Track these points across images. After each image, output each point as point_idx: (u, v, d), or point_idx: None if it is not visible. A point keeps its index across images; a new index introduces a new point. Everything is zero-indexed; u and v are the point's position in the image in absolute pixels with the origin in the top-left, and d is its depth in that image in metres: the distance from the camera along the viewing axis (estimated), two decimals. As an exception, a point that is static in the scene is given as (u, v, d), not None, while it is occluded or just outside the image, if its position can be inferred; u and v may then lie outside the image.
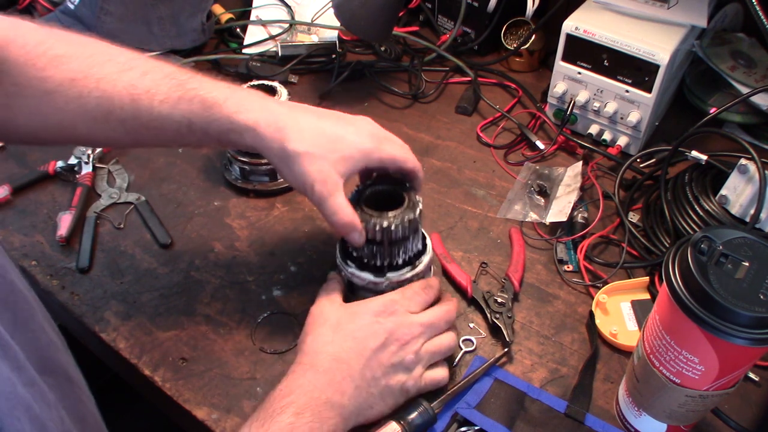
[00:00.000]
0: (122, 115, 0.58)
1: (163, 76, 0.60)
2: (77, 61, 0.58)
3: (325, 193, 0.59)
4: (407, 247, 0.65)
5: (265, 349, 0.70)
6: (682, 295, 0.50)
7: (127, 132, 0.60)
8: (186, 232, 0.83)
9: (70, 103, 0.57)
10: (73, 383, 0.51)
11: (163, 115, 0.59)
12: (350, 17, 0.97)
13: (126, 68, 0.60)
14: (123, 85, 0.59)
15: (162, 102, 0.59)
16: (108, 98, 0.58)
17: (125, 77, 0.59)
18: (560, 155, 0.96)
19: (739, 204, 0.74)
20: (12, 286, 0.47)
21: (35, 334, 0.48)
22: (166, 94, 0.59)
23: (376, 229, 0.61)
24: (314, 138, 0.60)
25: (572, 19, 0.90)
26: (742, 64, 0.93)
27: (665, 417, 0.59)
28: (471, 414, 0.63)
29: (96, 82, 0.58)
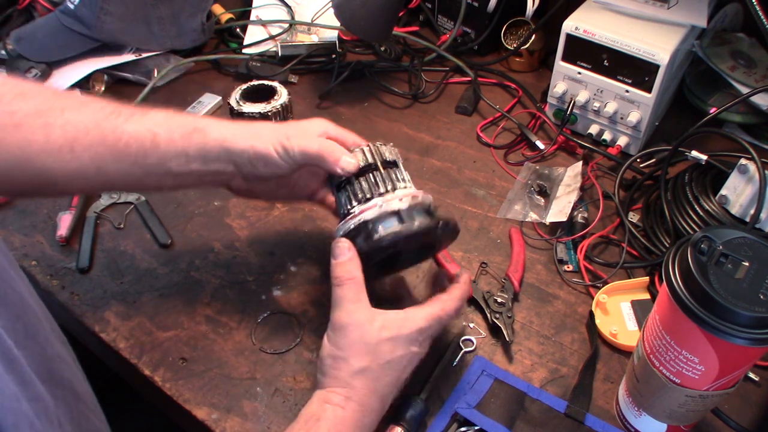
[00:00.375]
0: (87, 139, 0.58)
1: (125, 106, 0.62)
2: (42, 97, 0.59)
3: (296, 140, 0.60)
4: (400, 170, 0.64)
5: (265, 349, 0.70)
6: (682, 295, 0.50)
7: (91, 158, 0.58)
8: (186, 232, 0.83)
9: (37, 133, 0.56)
10: (79, 398, 0.51)
11: (127, 131, 0.59)
12: (350, 17, 0.97)
13: (91, 101, 0.61)
14: (88, 112, 0.59)
15: (127, 120, 0.60)
16: (73, 124, 0.58)
17: (89, 106, 0.60)
18: (560, 155, 0.96)
19: (739, 204, 0.74)
20: (21, 298, 0.47)
21: (42, 346, 0.48)
22: (131, 113, 0.60)
23: (365, 150, 0.62)
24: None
25: (572, 19, 0.90)
26: (742, 64, 0.93)
27: (665, 417, 0.59)
28: (471, 414, 0.63)
29: (61, 111, 0.58)
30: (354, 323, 0.57)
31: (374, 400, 0.57)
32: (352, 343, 0.57)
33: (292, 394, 0.66)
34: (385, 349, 0.57)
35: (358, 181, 0.62)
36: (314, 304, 0.75)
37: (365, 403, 0.56)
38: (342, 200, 0.63)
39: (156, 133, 0.60)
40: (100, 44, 1.04)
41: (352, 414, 0.55)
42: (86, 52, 1.04)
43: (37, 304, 0.50)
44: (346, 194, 0.62)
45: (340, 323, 0.58)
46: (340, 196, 0.63)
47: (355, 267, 0.59)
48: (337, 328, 0.58)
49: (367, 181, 0.62)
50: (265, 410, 0.65)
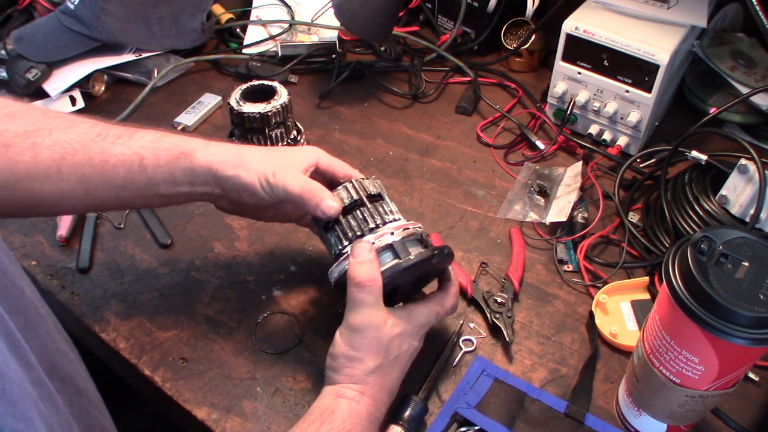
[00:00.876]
0: (74, 161, 0.58)
1: (113, 125, 0.62)
2: (31, 117, 0.59)
3: (282, 176, 0.60)
4: (386, 202, 0.63)
5: (265, 349, 0.70)
6: (682, 295, 0.50)
7: (79, 180, 0.58)
8: (186, 232, 0.83)
9: (25, 153, 0.56)
10: (81, 394, 0.51)
11: (114, 154, 0.59)
12: (350, 17, 0.97)
13: (78, 122, 0.61)
14: (75, 132, 0.59)
15: (113, 142, 0.60)
16: (60, 145, 0.58)
17: (78, 127, 0.60)
18: (560, 155, 0.96)
19: (739, 204, 0.74)
20: (22, 293, 0.47)
21: (43, 339, 0.48)
22: (117, 135, 0.61)
23: (348, 188, 0.61)
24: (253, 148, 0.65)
25: (572, 19, 0.90)
26: (742, 64, 0.93)
27: (665, 417, 0.59)
28: (471, 414, 0.63)
29: (49, 132, 0.58)
30: (372, 326, 0.57)
31: (384, 394, 0.59)
32: (369, 344, 0.57)
33: (292, 394, 0.66)
34: (394, 345, 0.59)
35: (345, 220, 0.61)
36: (314, 304, 0.75)
37: (377, 398, 0.58)
38: (332, 241, 0.62)
39: (143, 156, 0.60)
40: (100, 44, 1.04)
41: (367, 407, 0.56)
42: (86, 52, 1.04)
43: (38, 301, 0.50)
44: (335, 234, 0.61)
45: (359, 326, 0.57)
46: (329, 236, 0.62)
47: (375, 269, 0.57)
48: (355, 329, 0.57)
49: (354, 218, 0.61)
50: (265, 410, 0.65)
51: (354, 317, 0.57)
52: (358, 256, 0.58)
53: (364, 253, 0.58)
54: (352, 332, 0.57)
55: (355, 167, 0.92)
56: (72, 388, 0.50)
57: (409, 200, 0.88)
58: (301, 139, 0.90)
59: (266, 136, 0.85)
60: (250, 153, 0.63)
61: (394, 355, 0.59)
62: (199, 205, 0.87)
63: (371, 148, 0.97)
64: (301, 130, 0.91)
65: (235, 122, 0.86)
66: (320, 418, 0.55)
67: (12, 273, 0.47)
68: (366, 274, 0.57)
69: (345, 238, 0.61)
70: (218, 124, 1.01)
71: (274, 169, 0.61)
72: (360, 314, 0.57)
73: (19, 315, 0.45)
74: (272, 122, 0.84)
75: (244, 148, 0.64)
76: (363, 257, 0.58)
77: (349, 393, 0.57)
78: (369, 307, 0.57)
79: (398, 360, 0.59)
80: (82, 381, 0.52)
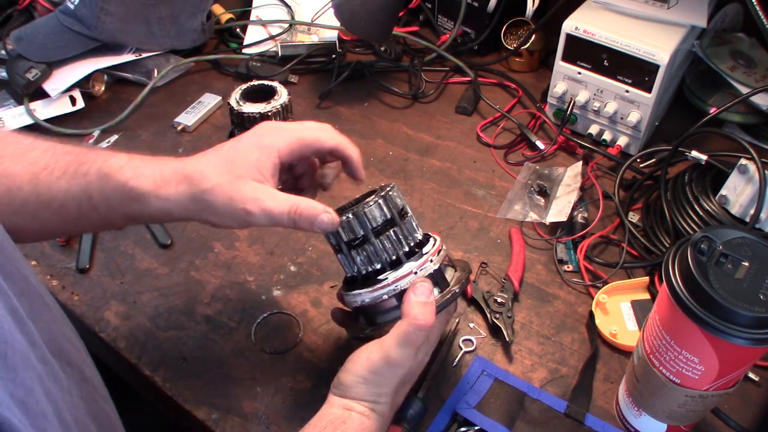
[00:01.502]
0: (23, 194, 0.55)
1: (63, 153, 0.57)
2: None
3: (264, 205, 0.54)
4: (411, 216, 0.59)
5: (265, 349, 0.70)
6: (682, 295, 0.50)
7: (31, 215, 0.56)
8: (186, 232, 0.83)
9: None
10: (87, 382, 0.51)
11: (61, 191, 0.55)
12: (350, 17, 0.97)
13: (29, 149, 0.57)
14: (24, 164, 0.56)
15: (59, 178, 0.56)
16: (8, 176, 0.55)
17: (27, 157, 0.57)
18: (560, 155, 0.96)
19: (739, 204, 0.74)
20: (26, 279, 0.47)
21: (48, 325, 0.48)
22: (63, 169, 0.56)
23: (381, 204, 0.56)
24: (214, 167, 0.55)
25: (572, 19, 0.90)
26: (742, 64, 0.93)
27: (665, 417, 0.59)
28: (471, 414, 0.63)
29: (0, 161, 0.56)
30: (407, 365, 0.56)
31: (392, 409, 0.59)
32: (395, 377, 0.56)
33: (292, 394, 0.66)
34: (413, 372, 0.59)
35: (378, 240, 0.57)
36: (314, 304, 0.75)
37: (386, 415, 0.57)
38: (357, 259, 0.58)
39: (91, 196, 0.55)
40: (100, 44, 1.04)
41: (375, 423, 0.56)
42: (86, 52, 1.04)
43: (43, 290, 0.50)
44: (364, 254, 0.57)
45: (397, 362, 0.55)
46: (354, 254, 0.58)
47: (432, 313, 0.55)
48: (391, 364, 0.55)
49: (388, 239, 0.57)
50: (265, 410, 0.65)
51: (397, 354, 0.55)
52: (420, 296, 0.56)
53: (426, 294, 0.56)
54: (386, 364, 0.55)
55: (354, 167, 0.93)
56: (79, 375, 0.50)
57: (409, 200, 0.88)
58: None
59: (266, 136, 0.85)
60: (213, 185, 0.54)
61: (410, 379, 0.59)
62: (199, 205, 0.87)
63: (371, 148, 0.97)
64: (301, 130, 0.91)
65: (235, 122, 0.86)
66: (332, 426, 0.54)
67: (17, 259, 0.47)
68: (427, 318, 0.55)
69: (377, 260, 0.57)
70: (218, 124, 1.01)
71: (245, 196, 0.54)
72: (404, 353, 0.55)
73: (24, 299, 0.45)
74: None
75: (203, 183, 0.54)
76: (424, 298, 0.56)
77: (359, 408, 0.56)
78: (414, 348, 0.56)
79: (410, 380, 0.60)
80: (88, 370, 0.52)
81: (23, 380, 0.38)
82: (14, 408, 0.36)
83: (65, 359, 0.48)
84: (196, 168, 0.55)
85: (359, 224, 0.56)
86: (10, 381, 0.37)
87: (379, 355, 0.55)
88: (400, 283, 0.56)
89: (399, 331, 0.55)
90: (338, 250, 0.59)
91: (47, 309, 0.49)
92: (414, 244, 0.58)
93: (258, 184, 0.55)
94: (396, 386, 0.57)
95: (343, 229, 0.57)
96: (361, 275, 0.58)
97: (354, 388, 0.56)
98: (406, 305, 0.55)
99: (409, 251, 0.58)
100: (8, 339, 0.38)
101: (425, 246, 0.59)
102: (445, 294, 0.58)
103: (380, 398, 0.56)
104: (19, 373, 0.38)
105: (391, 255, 0.57)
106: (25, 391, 0.38)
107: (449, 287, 0.59)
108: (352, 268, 0.59)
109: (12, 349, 0.38)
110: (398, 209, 0.58)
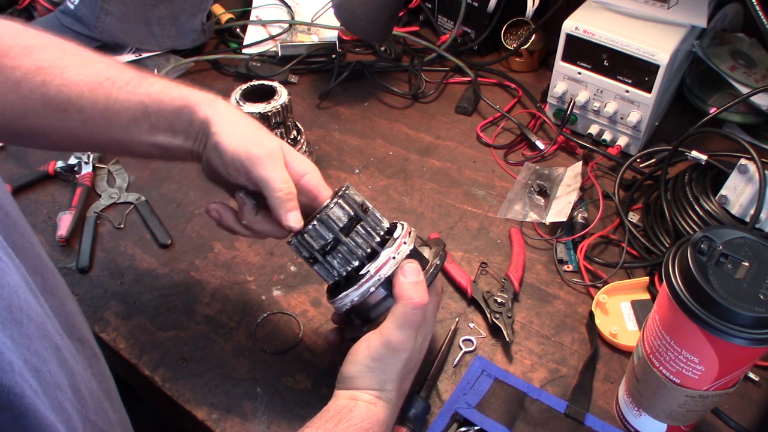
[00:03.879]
0: (80, 102, 0.58)
1: (126, 70, 0.61)
2: (47, 51, 0.59)
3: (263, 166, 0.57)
4: (371, 208, 0.60)
5: (265, 349, 0.70)
6: (682, 295, 0.50)
7: (83, 121, 0.59)
8: (186, 232, 0.83)
9: (35, 91, 0.57)
10: (98, 358, 0.52)
11: (120, 100, 0.59)
12: (350, 17, 0.97)
13: (93, 61, 0.61)
14: (86, 74, 0.59)
15: (121, 88, 0.59)
16: (69, 85, 0.58)
17: (91, 68, 0.60)
18: (560, 155, 0.96)
19: (739, 204, 0.74)
20: (39, 256, 0.48)
21: (60, 301, 0.48)
22: (127, 81, 0.60)
23: (341, 204, 0.57)
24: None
25: (572, 19, 0.90)
26: (742, 64, 0.93)
27: (665, 417, 0.59)
28: (471, 414, 0.63)
29: (61, 71, 0.58)
30: (409, 348, 0.56)
31: (400, 398, 0.59)
32: (397, 362, 0.56)
33: (292, 394, 0.66)
34: (416, 357, 0.59)
35: (349, 239, 0.57)
36: (314, 304, 0.75)
37: (394, 402, 0.58)
38: (334, 264, 0.58)
39: (147, 105, 0.60)
40: (100, 44, 1.04)
41: (383, 410, 0.56)
42: (86, 52, 1.04)
43: (53, 268, 0.51)
44: (339, 256, 0.58)
45: (398, 346, 0.56)
46: (330, 260, 0.58)
47: (425, 290, 0.56)
48: (392, 348, 0.56)
49: (358, 234, 0.58)
50: (265, 410, 0.65)
51: (397, 337, 0.55)
52: (411, 276, 0.56)
53: (416, 273, 0.57)
54: (387, 349, 0.56)
55: (355, 167, 0.93)
56: (90, 350, 0.51)
57: (409, 200, 0.88)
58: (301, 139, 0.90)
59: (266, 136, 0.85)
60: (248, 125, 0.60)
61: (415, 363, 0.59)
62: (199, 205, 0.87)
63: (371, 148, 0.97)
64: (301, 130, 0.91)
65: (235, 122, 0.86)
66: (338, 415, 0.54)
67: (30, 236, 0.48)
68: (422, 296, 0.55)
69: (354, 258, 0.58)
70: (218, 124, 1.01)
71: (255, 158, 0.57)
72: (404, 335, 0.55)
73: (37, 275, 0.45)
74: (272, 122, 0.84)
75: (250, 121, 0.61)
76: (415, 277, 0.56)
77: (365, 396, 0.56)
78: (414, 329, 0.56)
79: (416, 366, 0.60)
80: (97, 349, 0.53)
81: (38, 349, 0.38)
82: (27, 375, 0.36)
83: (76, 336, 0.49)
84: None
85: (326, 228, 0.57)
86: (25, 348, 0.37)
87: (380, 342, 0.56)
88: (383, 272, 0.57)
89: (396, 314, 0.56)
90: (313, 261, 0.60)
91: (59, 286, 0.50)
92: (384, 233, 0.59)
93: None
94: (400, 372, 0.57)
95: (312, 238, 0.58)
96: (343, 277, 0.59)
97: (358, 378, 0.56)
98: (398, 288, 0.56)
99: (381, 240, 0.59)
100: (24, 307, 0.38)
101: (395, 232, 0.60)
102: (429, 268, 0.59)
103: (386, 385, 0.56)
104: (34, 341, 0.38)
105: (366, 249, 0.58)
106: (39, 359, 0.38)
107: (430, 262, 0.60)
108: (331, 274, 0.59)
109: (28, 317, 0.38)
110: (359, 205, 0.59)
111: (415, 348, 0.57)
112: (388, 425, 0.57)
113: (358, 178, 0.92)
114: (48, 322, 0.41)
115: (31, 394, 0.35)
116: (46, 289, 0.46)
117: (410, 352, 0.57)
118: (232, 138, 0.58)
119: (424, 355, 0.61)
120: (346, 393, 0.56)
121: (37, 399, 0.36)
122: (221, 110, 0.61)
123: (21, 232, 0.46)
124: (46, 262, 0.49)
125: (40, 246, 0.49)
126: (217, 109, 0.61)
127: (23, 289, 0.39)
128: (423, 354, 0.61)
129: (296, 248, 0.60)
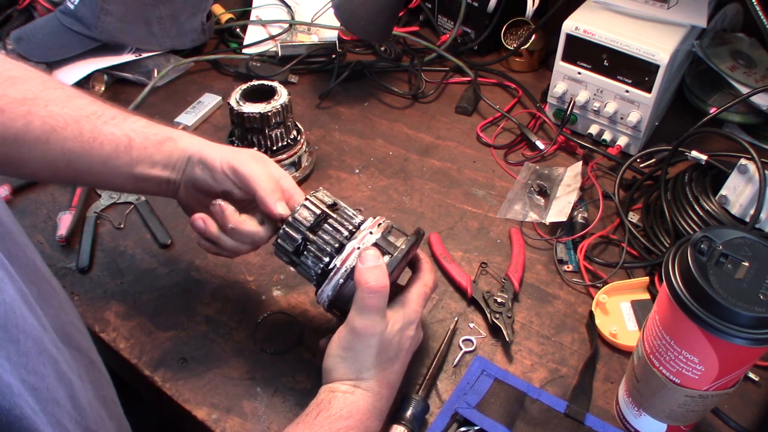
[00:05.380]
0: (64, 134, 0.59)
1: (109, 107, 0.64)
2: (31, 83, 0.60)
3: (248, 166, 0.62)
4: (344, 207, 0.62)
5: (265, 349, 0.70)
6: (682, 295, 0.50)
7: (63, 153, 0.59)
8: (186, 232, 0.83)
9: (17, 120, 0.57)
10: (94, 366, 0.52)
11: (104, 132, 0.61)
12: (350, 17, 0.97)
13: (76, 96, 0.63)
14: (71, 107, 0.61)
15: (106, 122, 0.62)
16: (54, 117, 0.59)
17: (74, 102, 0.61)
18: (560, 155, 0.96)
19: (739, 204, 0.74)
20: (34, 265, 0.48)
21: (56, 311, 0.49)
22: (112, 116, 0.63)
23: (307, 205, 0.60)
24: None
25: (572, 19, 0.90)
26: (742, 64, 0.93)
27: (665, 417, 0.59)
28: (471, 414, 0.63)
29: (46, 103, 0.59)
30: (376, 333, 0.57)
31: (384, 387, 0.59)
32: (368, 348, 0.57)
33: (292, 394, 0.66)
34: (394, 342, 0.59)
35: (318, 236, 0.60)
36: (314, 304, 0.75)
37: (376, 390, 0.58)
38: (309, 263, 0.60)
39: (131, 138, 0.62)
40: (100, 44, 1.04)
41: (362, 398, 0.57)
42: (86, 52, 1.04)
43: (49, 275, 0.51)
44: (312, 254, 0.60)
45: (363, 331, 0.56)
46: (304, 259, 0.60)
47: (385, 274, 0.57)
48: (358, 334, 0.57)
49: (326, 232, 0.60)
50: (265, 410, 0.65)
51: (360, 322, 0.56)
52: (368, 261, 0.57)
53: (374, 258, 0.57)
54: (353, 336, 0.57)
55: (355, 167, 0.93)
56: (87, 359, 0.51)
57: (409, 200, 0.88)
58: (301, 139, 0.90)
59: (266, 136, 0.85)
60: (225, 146, 0.66)
61: (394, 351, 0.59)
62: (199, 205, 0.87)
63: (371, 148, 0.97)
64: (301, 130, 0.91)
65: (235, 122, 0.86)
66: (317, 408, 0.56)
67: (25, 245, 0.48)
68: (378, 279, 0.56)
69: (324, 254, 0.59)
70: (218, 124, 1.01)
71: (242, 158, 0.62)
72: (367, 320, 0.56)
73: (33, 285, 0.46)
74: (272, 122, 0.84)
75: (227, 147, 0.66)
76: (372, 262, 0.57)
77: (342, 387, 0.57)
78: (377, 313, 0.56)
79: (398, 354, 0.60)
80: (95, 356, 0.53)
81: (35, 366, 0.39)
82: (26, 395, 0.36)
83: (74, 344, 0.49)
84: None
85: (294, 229, 0.60)
86: (22, 367, 0.37)
87: (346, 330, 0.57)
88: (348, 263, 0.58)
89: (356, 300, 0.57)
90: (294, 264, 0.62)
91: (54, 294, 0.50)
92: (353, 227, 0.60)
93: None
94: (375, 358, 0.57)
95: (284, 242, 0.61)
96: (318, 275, 0.60)
97: (333, 370, 0.58)
98: (357, 274, 0.57)
99: (349, 234, 0.60)
100: (20, 323, 0.38)
101: (362, 225, 0.61)
102: (393, 253, 0.59)
103: (362, 374, 0.57)
104: (32, 358, 0.38)
105: (334, 244, 0.59)
106: (37, 377, 0.38)
107: (398, 248, 0.60)
108: (310, 273, 0.61)
109: (24, 333, 0.38)
110: (328, 204, 0.61)
111: (389, 333, 0.58)
112: (372, 414, 0.57)
113: (358, 178, 0.92)
114: (44, 336, 0.41)
115: (31, 413, 0.36)
116: (42, 298, 0.46)
117: (379, 337, 0.57)
118: (217, 151, 0.63)
119: (411, 345, 0.61)
120: (324, 387, 0.58)
121: (37, 418, 0.36)
122: (200, 140, 0.65)
123: (15, 240, 0.47)
124: (42, 270, 0.49)
125: (35, 253, 0.49)
126: (197, 140, 0.65)
127: (19, 304, 0.39)
128: (408, 343, 0.60)
129: (278, 255, 0.63)
